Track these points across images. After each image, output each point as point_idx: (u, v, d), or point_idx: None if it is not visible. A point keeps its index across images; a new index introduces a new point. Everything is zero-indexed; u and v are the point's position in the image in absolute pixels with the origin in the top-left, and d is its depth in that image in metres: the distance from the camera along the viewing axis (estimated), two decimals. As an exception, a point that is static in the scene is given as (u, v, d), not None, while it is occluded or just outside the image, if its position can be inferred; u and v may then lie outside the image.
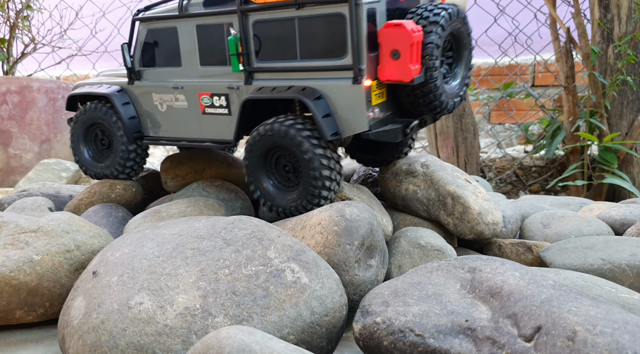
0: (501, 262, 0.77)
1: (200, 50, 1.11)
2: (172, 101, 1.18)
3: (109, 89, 1.24)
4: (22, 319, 0.88)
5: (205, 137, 1.17)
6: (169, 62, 1.17)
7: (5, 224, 0.93)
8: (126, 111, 1.23)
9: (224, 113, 1.12)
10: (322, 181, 0.98)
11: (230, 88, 1.10)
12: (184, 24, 1.12)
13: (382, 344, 0.71)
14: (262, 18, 1.02)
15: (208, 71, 1.12)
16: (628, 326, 0.60)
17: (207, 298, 0.71)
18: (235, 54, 1.04)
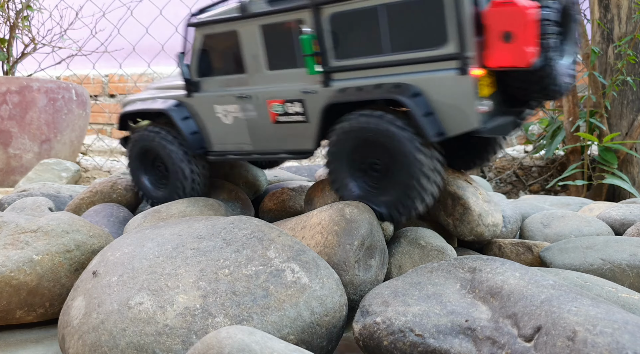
0: (501, 262, 0.77)
1: (267, 53, 1.01)
2: (238, 111, 1.07)
3: (166, 104, 1.14)
4: (22, 319, 0.88)
5: (279, 148, 1.06)
6: (231, 69, 1.07)
7: (6, 224, 0.93)
8: (187, 126, 1.12)
9: (300, 120, 1.01)
10: (422, 185, 0.88)
11: (306, 92, 0.99)
12: (246, 26, 1.01)
13: (382, 344, 0.71)
14: (340, 10, 0.91)
15: (277, 76, 1.01)
16: (628, 326, 0.60)
17: (207, 298, 0.71)
18: (310, 54, 0.94)
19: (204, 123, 1.12)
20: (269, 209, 1.28)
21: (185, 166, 1.13)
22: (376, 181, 0.94)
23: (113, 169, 2.33)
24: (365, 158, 0.94)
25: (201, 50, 1.08)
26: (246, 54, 1.03)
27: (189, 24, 1.08)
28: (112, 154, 2.63)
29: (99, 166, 2.37)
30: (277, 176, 1.61)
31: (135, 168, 1.21)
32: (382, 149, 0.90)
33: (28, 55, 2.29)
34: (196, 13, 1.10)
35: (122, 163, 2.45)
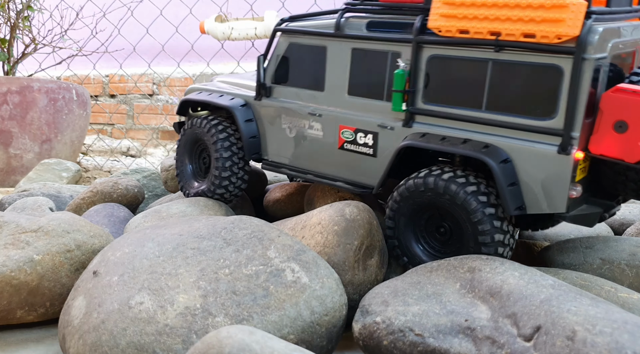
0: (501, 262, 0.77)
1: (352, 77, 0.97)
2: (304, 127, 1.03)
3: (232, 102, 1.11)
4: (22, 319, 0.88)
5: (338, 175, 1.02)
6: (308, 84, 1.02)
7: (6, 224, 0.93)
8: (248, 128, 1.09)
9: (367, 153, 0.96)
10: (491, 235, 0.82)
11: (383, 127, 0.94)
12: (337, 45, 0.98)
13: (382, 344, 0.71)
14: (443, 54, 0.86)
15: (356, 103, 0.97)
16: (627, 326, 0.60)
17: (208, 298, 0.71)
18: (400, 90, 0.89)
19: (266, 130, 1.10)
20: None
21: (229, 165, 1.10)
22: (443, 244, 0.89)
23: (113, 169, 2.33)
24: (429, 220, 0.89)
25: (282, 57, 1.05)
26: (329, 73, 0.99)
27: (277, 28, 1.06)
28: (113, 154, 2.64)
29: (100, 166, 2.37)
30: (277, 176, 1.61)
31: (182, 154, 1.19)
32: (448, 213, 0.86)
33: (28, 55, 2.29)
34: (287, 19, 1.07)
35: (123, 163, 2.45)
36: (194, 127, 1.15)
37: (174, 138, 2.77)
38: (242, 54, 2.33)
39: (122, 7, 2.39)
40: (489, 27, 0.80)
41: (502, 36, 0.80)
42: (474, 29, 0.82)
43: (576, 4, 0.74)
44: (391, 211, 0.91)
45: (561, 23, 0.75)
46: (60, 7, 2.39)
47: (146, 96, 2.82)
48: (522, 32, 0.78)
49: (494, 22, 0.80)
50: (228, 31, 1.60)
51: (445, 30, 0.84)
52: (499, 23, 0.80)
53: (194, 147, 1.18)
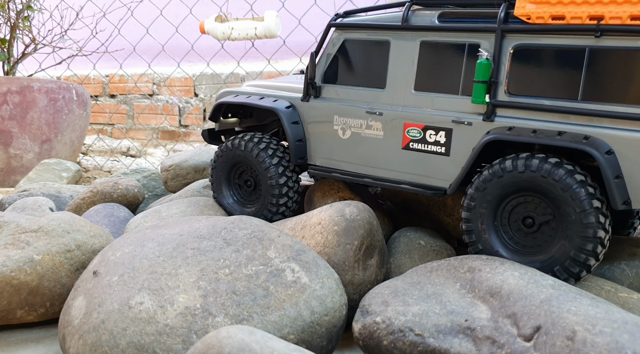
0: (501, 262, 0.77)
1: (419, 72, 0.91)
2: (361, 127, 0.97)
3: (277, 104, 1.05)
4: (22, 319, 0.88)
5: (403, 178, 0.95)
6: (366, 82, 0.97)
7: (6, 224, 0.93)
8: (295, 131, 1.03)
9: (438, 152, 0.90)
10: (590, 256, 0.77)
11: (458, 122, 0.88)
12: (403, 39, 0.92)
13: (382, 344, 0.71)
14: (530, 43, 0.82)
15: (424, 99, 0.91)
16: (627, 326, 0.60)
17: (208, 298, 0.71)
18: (484, 81, 0.84)
19: (314, 133, 1.03)
20: None
21: (284, 181, 1.05)
22: (525, 236, 0.83)
23: (113, 169, 2.33)
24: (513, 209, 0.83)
25: (335, 54, 1.00)
26: (392, 69, 0.94)
27: (330, 24, 0.99)
28: (113, 154, 2.64)
29: (100, 166, 2.37)
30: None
31: (220, 180, 1.13)
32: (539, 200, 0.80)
33: (29, 55, 2.29)
34: (342, 14, 1.00)
35: (123, 163, 2.45)
36: (231, 150, 1.08)
37: (173, 138, 2.77)
38: (242, 54, 2.33)
39: (122, 7, 2.39)
40: (589, 12, 0.75)
41: (605, 20, 0.75)
42: (571, 14, 0.77)
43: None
44: (469, 199, 0.84)
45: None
46: (60, 7, 2.39)
47: (146, 96, 2.82)
48: (630, 15, 0.73)
49: (595, 6, 0.75)
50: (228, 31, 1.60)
51: (537, 17, 0.79)
52: (601, 6, 0.75)
53: (232, 171, 1.12)
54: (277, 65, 2.40)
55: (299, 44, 2.20)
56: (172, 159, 1.38)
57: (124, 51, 2.44)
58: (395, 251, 0.98)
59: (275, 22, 1.50)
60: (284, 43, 2.14)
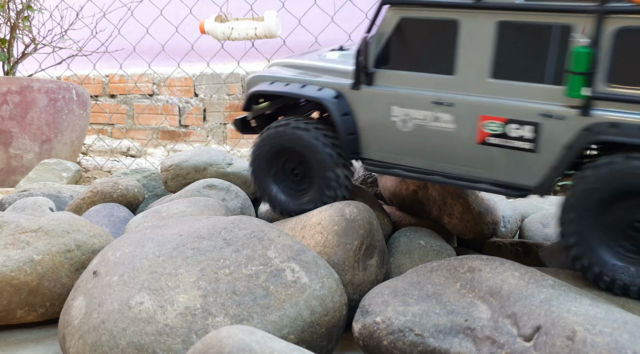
0: (501, 262, 0.77)
1: (497, 57, 0.81)
2: (426, 119, 0.86)
3: (323, 93, 0.93)
4: (22, 319, 0.88)
5: (479, 175, 0.85)
6: (430, 67, 0.86)
7: (6, 224, 0.93)
8: (346, 124, 0.92)
9: (524, 148, 0.81)
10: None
11: (546, 116, 0.78)
12: (475, 18, 0.81)
13: (382, 344, 0.71)
14: (631, 25, 0.72)
15: (504, 87, 0.81)
16: (627, 326, 0.60)
17: (208, 298, 0.71)
18: (581, 72, 0.74)
19: (368, 124, 0.92)
20: None
21: (341, 171, 0.94)
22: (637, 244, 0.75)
23: (114, 169, 2.33)
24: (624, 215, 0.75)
25: (391, 36, 0.87)
26: (462, 52, 0.83)
27: (384, 1, 0.87)
28: (113, 154, 2.64)
29: (100, 166, 2.37)
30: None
31: (260, 171, 1.01)
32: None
33: (29, 55, 2.29)
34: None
35: (123, 163, 2.45)
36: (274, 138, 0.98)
37: (173, 138, 2.77)
38: (242, 54, 2.33)
39: (122, 7, 2.39)
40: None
41: None
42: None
43: None
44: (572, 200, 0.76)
45: None
46: (60, 7, 2.39)
47: (146, 96, 2.82)
48: None
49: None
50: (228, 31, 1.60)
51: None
52: None
53: (275, 161, 1.00)
54: (277, 65, 2.40)
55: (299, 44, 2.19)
56: (172, 159, 1.38)
57: (124, 51, 2.44)
58: (395, 251, 0.98)
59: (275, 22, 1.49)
60: (284, 43, 2.14)
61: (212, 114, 2.71)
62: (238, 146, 2.54)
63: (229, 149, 2.41)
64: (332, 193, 0.95)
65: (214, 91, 2.69)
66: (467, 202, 1.06)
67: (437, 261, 0.82)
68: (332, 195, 0.95)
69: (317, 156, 0.94)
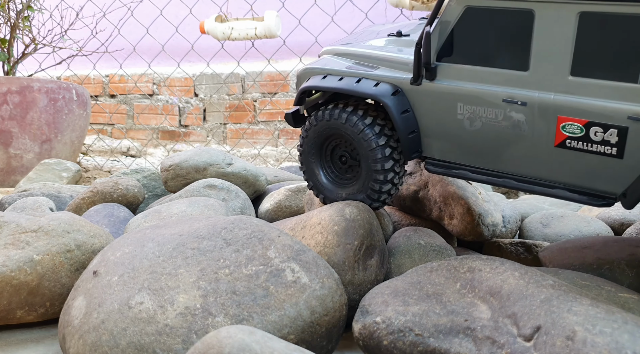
0: (501, 262, 0.77)
1: (578, 52, 0.73)
2: (495, 118, 0.80)
3: (379, 90, 0.87)
4: (22, 319, 0.88)
5: (556, 180, 0.79)
6: (500, 61, 0.79)
7: (6, 224, 0.93)
8: (406, 122, 0.87)
9: (607, 153, 0.74)
10: None
11: (636, 120, 0.70)
12: (553, 8, 0.74)
13: (382, 344, 0.71)
14: None
15: (587, 86, 0.73)
16: (627, 326, 0.60)
17: (208, 298, 0.71)
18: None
19: (429, 121, 0.87)
20: None
21: (390, 166, 0.89)
22: None
23: (114, 169, 2.33)
24: None
25: (455, 26, 0.81)
26: (537, 46, 0.76)
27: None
28: (113, 154, 2.64)
29: (100, 166, 2.37)
30: (277, 176, 1.61)
31: (310, 157, 0.97)
32: None
33: (29, 55, 2.29)
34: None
35: (123, 163, 2.45)
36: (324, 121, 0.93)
37: (173, 138, 2.77)
38: (242, 54, 2.33)
39: (122, 7, 2.39)
40: None
41: None
42: None
43: None
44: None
45: None
46: (60, 7, 2.39)
47: (146, 95, 2.82)
48: None
49: None
50: (228, 31, 1.60)
51: None
52: None
53: (324, 146, 0.97)
54: (277, 65, 2.40)
55: (299, 44, 2.19)
56: (172, 159, 1.38)
57: (124, 51, 2.44)
58: (395, 251, 0.98)
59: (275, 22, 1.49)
60: (284, 43, 2.14)
61: (212, 114, 2.72)
62: (238, 146, 2.54)
63: (229, 149, 2.41)
64: (377, 188, 0.91)
65: (214, 91, 2.69)
66: (468, 204, 1.06)
67: (437, 261, 0.82)
68: (377, 189, 0.91)
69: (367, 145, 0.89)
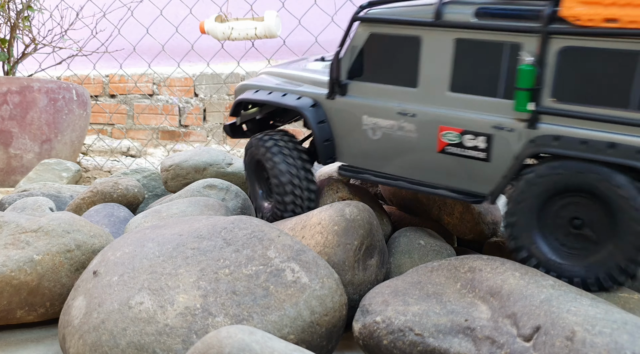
0: (501, 262, 0.77)
1: (455, 72, 0.85)
2: (392, 128, 0.92)
3: (301, 102, 0.99)
4: (22, 319, 0.88)
5: (439, 182, 0.91)
6: (396, 79, 0.91)
7: (6, 224, 0.93)
8: (322, 132, 0.98)
9: (478, 157, 0.85)
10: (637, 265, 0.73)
11: (498, 128, 0.82)
12: (435, 35, 0.86)
13: (382, 343, 0.71)
14: (579, 46, 0.75)
15: (461, 101, 0.86)
16: (627, 326, 0.60)
17: (208, 298, 0.71)
18: (526, 88, 0.78)
19: (342, 132, 0.98)
20: None
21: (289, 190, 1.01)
22: (576, 240, 0.79)
23: (114, 169, 2.33)
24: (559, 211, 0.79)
25: (360, 49, 0.93)
26: (424, 67, 0.88)
27: (354, 18, 0.93)
28: (113, 154, 2.64)
29: (100, 166, 2.37)
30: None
31: (249, 176, 1.12)
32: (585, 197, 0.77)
33: (29, 55, 2.29)
34: (366, 5, 0.93)
35: (123, 163, 2.45)
36: (251, 148, 1.07)
37: (173, 138, 2.77)
38: (242, 54, 2.33)
39: (122, 7, 2.39)
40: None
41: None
42: (627, 18, 0.71)
43: None
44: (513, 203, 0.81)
45: None
46: (60, 7, 2.39)
47: (146, 96, 2.82)
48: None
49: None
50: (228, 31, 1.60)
51: (587, 19, 0.73)
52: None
53: (257, 168, 1.10)
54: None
55: (299, 44, 2.20)
56: (172, 159, 1.38)
57: (124, 51, 2.44)
58: (395, 251, 0.98)
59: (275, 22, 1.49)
60: (284, 43, 2.14)
61: (212, 114, 2.72)
62: (238, 146, 2.54)
63: (229, 149, 2.41)
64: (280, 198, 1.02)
65: (214, 91, 2.69)
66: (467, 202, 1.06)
67: (437, 261, 0.82)
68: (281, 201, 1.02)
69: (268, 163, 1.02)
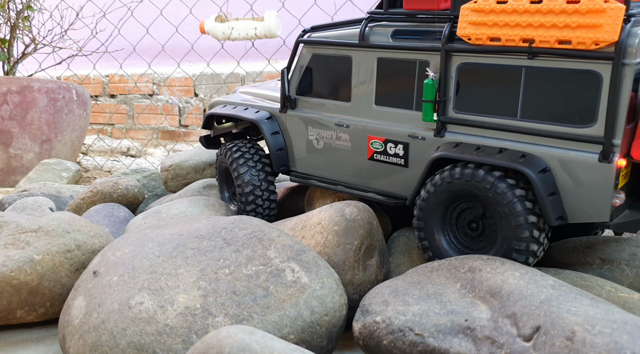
0: (501, 262, 0.77)
1: (378, 87, 0.95)
2: (331, 138, 1.03)
3: (258, 115, 1.11)
4: (22, 319, 0.88)
5: (369, 186, 1.00)
6: (334, 95, 1.02)
7: (6, 224, 0.93)
8: (275, 141, 1.10)
9: (398, 163, 0.95)
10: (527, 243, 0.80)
11: (413, 137, 0.92)
12: (361, 55, 0.96)
13: (382, 344, 0.71)
14: (473, 62, 0.84)
15: (384, 113, 0.95)
16: (627, 326, 0.60)
17: (208, 298, 0.71)
18: (431, 100, 0.87)
19: (293, 142, 1.10)
20: None
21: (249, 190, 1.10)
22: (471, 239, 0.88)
23: (114, 169, 2.33)
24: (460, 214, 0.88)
25: (306, 68, 1.05)
26: (355, 84, 0.98)
27: (299, 40, 1.05)
28: (113, 154, 2.64)
29: (100, 166, 2.37)
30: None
31: (220, 181, 1.22)
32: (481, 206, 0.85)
33: (29, 55, 2.29)
34: (309, 30, 1.05)
35: (123, 163, 2.45)
36: (220, 156, 1.17)
37: (173, 138, 2.77)
38: (242, 54, 2.33)
39: (122, 7, 2.39)
40: (521, 34, 0.78)
41: (535, 43, 0.78)
42: (505, 37, 0.80)
43: (614, 8, 0.72)
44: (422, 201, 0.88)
45: (598, 29, 0.73)
46: (60, 7, 2.39)
47: (146, 96, 2.82)
48: (556, 39, 0.76)
49: (527, 29, 0.78)
50: (228, 31, 1.60)
51: (475, 39, 0.82)
52: (532, 30, 0.77)
53: (226, 173, 1.20)
54: (277, 65, 2.40)
55: (299, 44, 2.19)
56: (172, 159, 1.38)
57: (124, 51, 2.44)
58: (395, 251, 0.98)
59: (275, 22, 1.49)
60: (284, 43, 2.14)
61: (212, 114, 2.71)
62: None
63: (229, 149, 2.41)
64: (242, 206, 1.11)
65: (214, 91, 2.69)
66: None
67: (437, 261, 0.82)
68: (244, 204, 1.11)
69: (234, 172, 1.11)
